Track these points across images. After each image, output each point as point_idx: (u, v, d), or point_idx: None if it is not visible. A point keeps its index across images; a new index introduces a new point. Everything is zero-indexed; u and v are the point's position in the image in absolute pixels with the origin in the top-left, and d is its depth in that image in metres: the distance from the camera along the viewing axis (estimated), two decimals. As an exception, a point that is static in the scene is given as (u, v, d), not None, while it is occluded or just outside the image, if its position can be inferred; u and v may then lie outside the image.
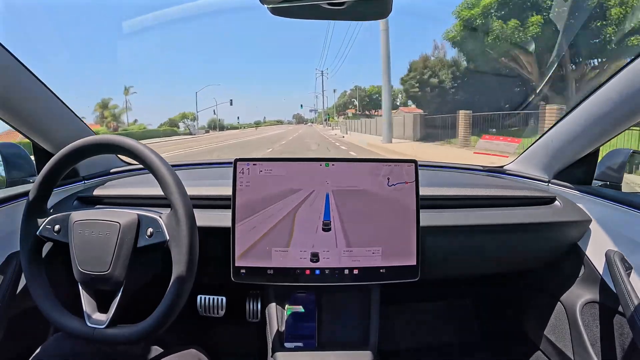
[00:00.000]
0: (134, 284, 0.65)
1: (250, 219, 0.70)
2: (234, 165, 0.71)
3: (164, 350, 0.73)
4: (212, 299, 0.95)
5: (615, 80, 0.73)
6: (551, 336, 0.93)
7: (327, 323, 0.80)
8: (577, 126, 0.85)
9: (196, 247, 0.62)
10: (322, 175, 0.72)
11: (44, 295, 0.65)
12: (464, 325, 1.26)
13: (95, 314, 0.63)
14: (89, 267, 0.62)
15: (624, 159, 0.88)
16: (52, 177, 0.67)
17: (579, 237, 0.89)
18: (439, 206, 0.85)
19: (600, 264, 0.83)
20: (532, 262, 0.96)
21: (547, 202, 0.92)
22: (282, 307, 0.80)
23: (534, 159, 1.03)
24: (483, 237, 0.86)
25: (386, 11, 0.46)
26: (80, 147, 0.66)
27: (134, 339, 0.61)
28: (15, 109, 0.78)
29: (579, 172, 0.93)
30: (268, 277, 0.71)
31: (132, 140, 0.65)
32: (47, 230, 0.66)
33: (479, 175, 1.13)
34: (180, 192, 0.62)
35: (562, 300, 0.91)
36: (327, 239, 0.71)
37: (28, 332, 0.83)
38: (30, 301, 0.65)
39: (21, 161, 0.91)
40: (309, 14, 0.48)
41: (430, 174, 1.10)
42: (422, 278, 0.72)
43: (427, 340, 1.23)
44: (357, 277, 0.72)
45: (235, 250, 0.70)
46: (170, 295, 0.60)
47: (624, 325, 0.75)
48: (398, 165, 0.73)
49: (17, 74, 0.74)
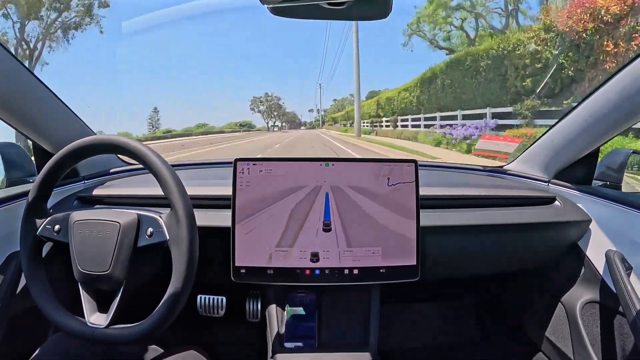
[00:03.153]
0: (134, 284, 0.65)
1: (251, 219, 0.70)
2: (234, 165, 0.71)
3: (164, 350, 0.73)
4: (212, 299, 0.95)
5: (615, 80, 0.73)
6: (551, 336, 0.93)
7: (327, 323, 0.80)
8: (577, 126, 0.85)
9: (196, 247, 0.62)
10: (322, 175, 0.72)
11: (44, 295, 0.65)
12: (464, 325, 1.26)
13: (95, 314, 0.62)
14: (89, 267, 0.62)
15: (624, 159, 0.88)
16: (52, 177, 0.67)
17: (579, 237, 0.89)
18: (439, 206, 0.84)
19: (600, 264, 0.83)
20: (532, 262, 0.96)
21: (547, 202, 0.92)
22: (282, 307, 0.80)
23: (534, 159, 1.03)
24: (483, 237, 0.86)
25: (386, 11, 0.46)
26: (80, 147, 0.66)
27: (133, 339, 0.61)
28: (15, 109, 0.78)
29: (579, 172, 0.92)
30: (268, 277, 0.71)
31: (132, 140, 0.65)
32: (47, 230, 0.66)
33: (479, 175, 1.13)
34: (180, 192, 0.62)
35: (562, 300, 0.91)
36: (327, 239, 0.71)
37: (28, 332, 0.83)
38: (30, 301, 0.65)
39: (21, 161, 0.91)
40: (309, 14, 0.48)
41: (430, 174, 1.10)
42: (422, 278, 0.72)
43: (427, 340, 1.23)
44: (357, 277, 0.72)
45: (235, 250, 0.70)
46: (170, 296, 0.60)
47: (624, 325, 0.75)
48: (398, 165, 0.73)
49: (17, 74, 0.74)
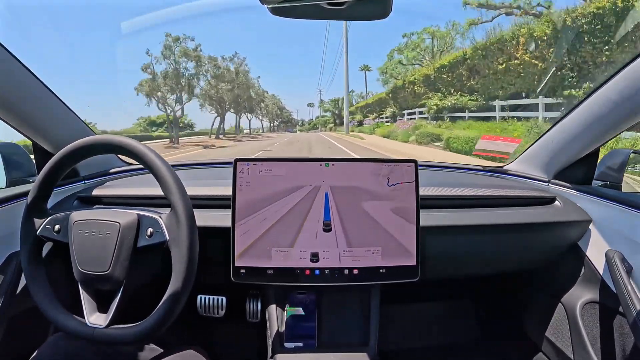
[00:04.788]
0: (134, 284, 0.65)
1: (250, 219, 0.70)
2: (234, 165, 0.71)
3: (164, 350, 0.73)
4: (212, 299, 0.95)
5: (615, 80, 0.73)
6: (551, 336, 0.93)
7: (327, 323, 0.80)
8: (577, 126, 0.85)
9: (196, 247, 0.62)
10: (322, 175, 0.72)
11: (44, 295, 0.65)
12: (464, 325, 1.26)
13: (95, 314, 0.62)
14: (89, 267, 0.62)
15: (624, 159, 0.88)
16: (52, 177, 0.67)
17: (579, 237, 0.89)
18: (439, 206, 0.84)
19: (600, 264, 0.83)
20: (532, 262, 0.96)
21: (547, 202, 0.92)
22: (282, 308, 0.80)
23: (534, 159, 1.03)
24: (483, 237, 0.86)
25: (386, 11, 0.46)
26: (80, 147, 0.66)
27: (133, 339, 0.61)
28: (15, 109, 0.78)
29: (579, 172, 0.92)
30: (268, 277, 0.71)
31: (132, 140, 0.65)
32: (47, 230, 0.66)
33: (479, 175, 1.13)
34: (180, 192, 0.62)
35: (562, 300, 0.91)
36: (327, 239, 0.71)
37: (28, 332, 0.82)
38: (30, 301, 0.65)
39: (21, 161, 0.91)
40: (309, 14, 0.48)
41: (430, 174, 1.10)
42: (422, 278, 0.72)
43: (427, 340, 1.23)
44: (357, 277, 0.72)
45: (235, 250, 0.70)
46: (170, 296, 0.60)
47: (624, 325, 0.75)
48: (398, 165, 0.73)
49: (17, 74, 0.74)
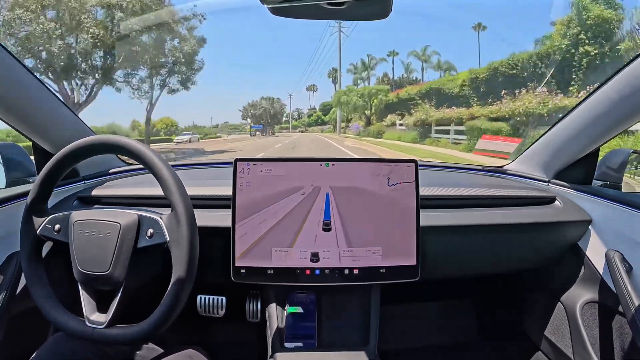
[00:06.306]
0: (134, 284, 0.65)
1: (250, 219, 0.70)
2: (234, 165, 0.71)
3: (164, 350, 0.73)
4: (212, 299, 0.95)
5: (615, 80, 0.73)
6: (551, 336, 0.93)
7: (327, 323, 0.80)
8: (577, 126, 0.85)
9: (196, 247, 0.62)
10: (322, 175, 0.72)
11: (44, 295, 0.65)
12: (464, 325, 1.26)
13: (95, 314, 0.62)
14: (89, 267, 0.62)
15: (624, 159, 0.88)
16: (52, 177, 0.67)
17: (579, 237, 0.89)
18: (439, 206, 0.84)
19: (600, 264, 0.83)
20: (532, 262, 0.96)
21: (547, 202, 0.92)
22: (282, 307, 0.80)
23: (534, 158, 1.03)
24: (483, 237, 0.86)
25: (386, 11, 0.46)
26: (80, 147, 0.66)
27: (133, 339, 0.61)
28: (15, 109, 0.78)
29: (579, 172, 0.92)
30: (268, 277, 0.71)
31: (132, 140, 0.65)
32: (47, 230, 0.66)
33: (479, 175, 1.13)
34: (180, 192, 0.62)
35: (562, 300, 0.91)
36: (327, 239, 0.71)
37: (28, 332, 0.82)
38: (30, 301, 0.65)
39: (21, 161, 0.91)
40: (309, 14, 0.48)
41: (430, 174, 1.10)
42: (422, 278, 0.72)
43: (427, 340, 1.23)
44: (357, 277, 0.72)
45: (235, 250, 0.70)
46: (170, 296, 0.60)
47: (624, 325, 0.75)
48: (398, 165, 0.73)
49: (17, 75, 0.74)
